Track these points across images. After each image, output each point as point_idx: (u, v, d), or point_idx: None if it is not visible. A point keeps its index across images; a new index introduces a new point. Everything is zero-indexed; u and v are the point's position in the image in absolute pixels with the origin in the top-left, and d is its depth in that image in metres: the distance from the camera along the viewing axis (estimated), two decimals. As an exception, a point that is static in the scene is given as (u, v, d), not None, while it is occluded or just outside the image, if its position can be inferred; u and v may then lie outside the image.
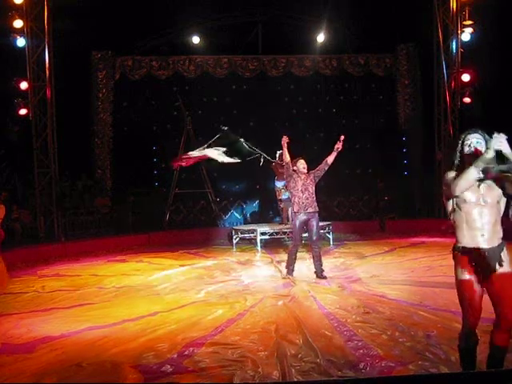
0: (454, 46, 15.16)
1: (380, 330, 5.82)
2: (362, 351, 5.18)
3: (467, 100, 15.00)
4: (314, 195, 9.07)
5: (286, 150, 9.20)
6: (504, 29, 13.23)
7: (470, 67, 14.86)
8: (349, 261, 10.83)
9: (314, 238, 9.11)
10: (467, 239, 4.01)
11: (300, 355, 5.16)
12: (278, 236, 13.59)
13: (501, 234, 4.03)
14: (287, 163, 9.22)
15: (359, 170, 18.24)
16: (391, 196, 16.83)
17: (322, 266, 9.12)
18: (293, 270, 9.26)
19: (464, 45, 14.91)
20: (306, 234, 9.80)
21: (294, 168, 9.16)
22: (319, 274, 9.07)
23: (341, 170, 17.85)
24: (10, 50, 14.00)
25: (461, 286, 4.05)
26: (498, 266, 3.94)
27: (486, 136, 4.08)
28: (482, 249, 3.96)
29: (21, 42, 13.99)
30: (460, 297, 4.07)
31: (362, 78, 17.98)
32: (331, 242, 13.49)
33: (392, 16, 14.95)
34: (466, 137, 4.10)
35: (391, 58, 17.88)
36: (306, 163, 9.26)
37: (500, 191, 4.01)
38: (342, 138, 9.05)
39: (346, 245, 13.33)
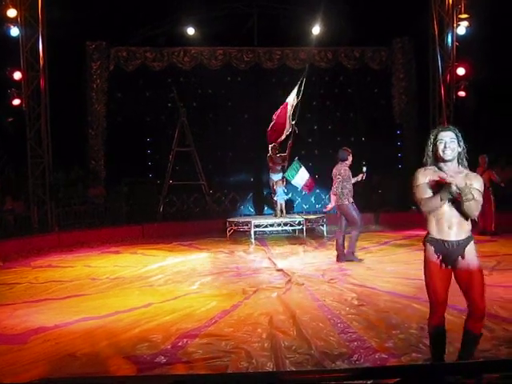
0: (449, 40, 15.11)
1: (374, 322, 5.85)
2: (355, 343, 5.20)
3: (462, 94, 15.00)
4: None
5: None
6: (499, 22, 13.24)
7: (465, 61, 14.85)
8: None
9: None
10: (435, 231, 4.21)
11: (294, 347, 5.17)
12: (272, 228, 13.61)
13: (469, 229, 4.19)
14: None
15: (353, 163, 18.19)
16: (385, 189, 16.85)
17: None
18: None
19: (459, 38, 14.88)
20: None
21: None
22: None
23: (335, 162, 17.91)
24: (3, 39, 13.86)
25: (426, 273, 4.28)
26: (460, 259, 4.14)
27: (458, 133, 4.21)
28: (448, 241, 4.15)
29: (14, 31, 13.84)
30: (426, 284, 4.30)
31: (357, 71, 17.91)
32: (325, 235, 13.50)
33: (388, 9, 14.89)
34: (439, 134, 4.19)
35: (386, 52, 17.82)
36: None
37: None
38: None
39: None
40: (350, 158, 9.98)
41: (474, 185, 4.06)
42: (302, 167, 13.58)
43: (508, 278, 7.49)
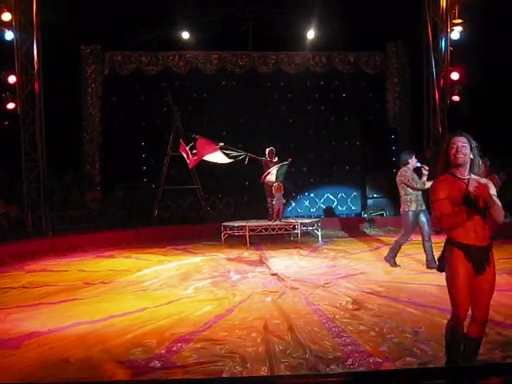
0: (443, 45, 15.16)
1: (368, 327, 5.84)
2: (350, 347, 5.20)
3: (456, 98, 15.06)
4: None
5: None
6: (493, 27, 13.31)
7: (459, 65, 14.91)
8: (337, 257, 10.85)
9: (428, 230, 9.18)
10: (462, 235, 4.14)
11: (288, 351, 5.16)
12: (267, 232, 13.59)
13: (490, 234, 4.19)
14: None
15: (348, 167, 18.27)
16: (380, 193, 16.87)
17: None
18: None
19: (453, 43, 14.94)
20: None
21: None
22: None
23: (329, 167, 17.99)
24: (-3, 43, 13.88)
25: (453, 278, 4.17)
26: (486, 265, 4.12)
27: (471, 140, 4.20)
28: (475, 246, 4.10)
29: (9, 35, 13.82)
30: (450, 289, 4.20)
31: (352, 76, 17.96)
32: (320, 239, 13.51)
33: (382, 14, 14.94)
34: (451, 139, 4.21)
35: (381, 56, 17.87)
36: None
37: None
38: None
39: (334, 242, 13.34)
40: (413, 161, 9.31)
41: None
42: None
43: (502, 281, 7.50)
